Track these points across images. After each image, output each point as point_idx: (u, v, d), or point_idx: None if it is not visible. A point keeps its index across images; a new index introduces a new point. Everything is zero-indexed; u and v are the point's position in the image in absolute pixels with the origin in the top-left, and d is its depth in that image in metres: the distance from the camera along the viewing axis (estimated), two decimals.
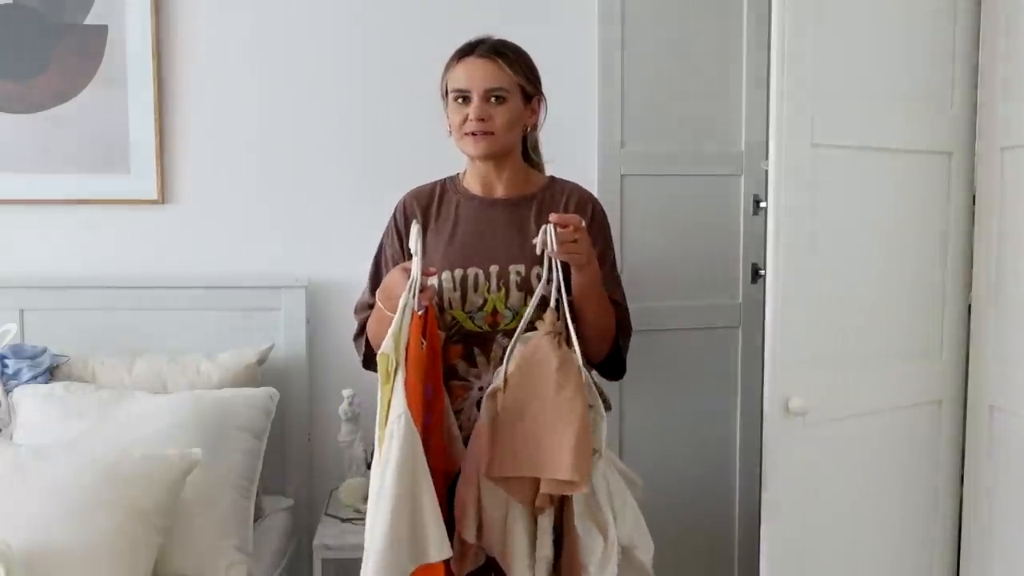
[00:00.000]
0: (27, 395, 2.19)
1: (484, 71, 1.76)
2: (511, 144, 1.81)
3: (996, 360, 2.02)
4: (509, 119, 1.77)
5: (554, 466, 1.55)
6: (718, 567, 2.54)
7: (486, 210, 1.83)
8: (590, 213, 1.84)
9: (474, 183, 1.86)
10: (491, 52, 1.77)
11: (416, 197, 1.89)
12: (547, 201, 1.84)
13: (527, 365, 1.61)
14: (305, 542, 2.33)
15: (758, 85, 2.38)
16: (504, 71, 1.76)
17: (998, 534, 2.04)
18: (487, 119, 1.75)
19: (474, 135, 1.76)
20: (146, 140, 2.46)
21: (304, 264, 2.50)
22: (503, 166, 1.83)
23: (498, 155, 1.80)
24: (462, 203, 1.85)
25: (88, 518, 1.78)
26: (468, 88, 1.76)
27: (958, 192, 2.07)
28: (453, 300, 1.78)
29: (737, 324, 2.49)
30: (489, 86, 1.75)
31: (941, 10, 2.02)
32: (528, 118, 1.83)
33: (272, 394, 2.28)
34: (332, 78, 2.49)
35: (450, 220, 1.84)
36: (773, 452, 1.84)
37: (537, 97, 1.84)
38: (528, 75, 1.80)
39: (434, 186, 1.90)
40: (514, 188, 1.85)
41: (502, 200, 1.84)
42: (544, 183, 1.88)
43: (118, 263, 2.50)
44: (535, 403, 1.59)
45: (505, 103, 1.76)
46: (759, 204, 2.36)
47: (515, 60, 1.79)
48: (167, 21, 2.46)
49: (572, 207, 1.83)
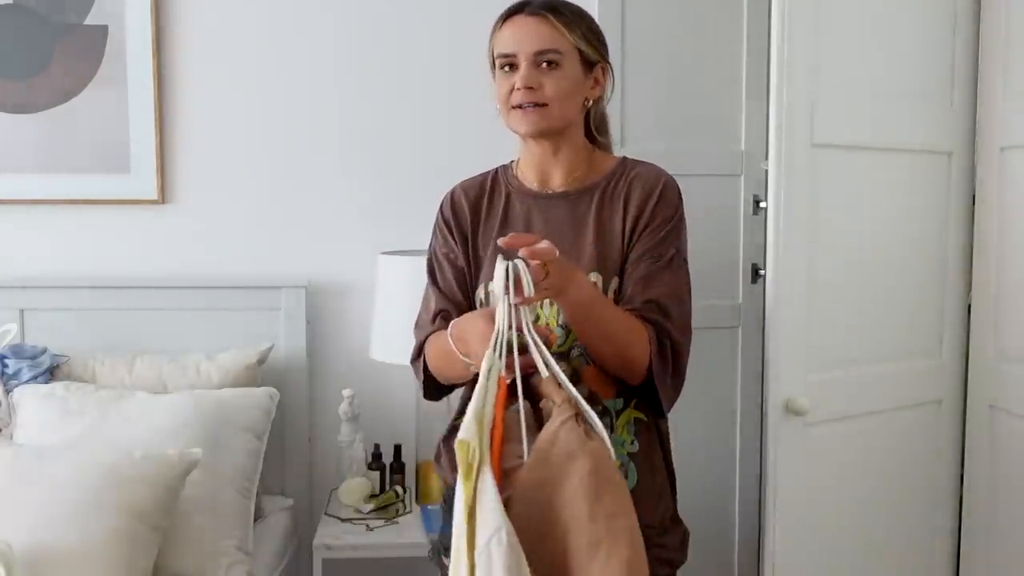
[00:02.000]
0: (27, 395, 2.19)
1: (534, 31, 1.46)
2: (568, 119, 1.51)
3: (996, 360, 2.02)
4: (564, 88, 1.46)
5: None
6: (719, 567, 2.54)
7: (540, 207, 1.55)
8: (658, 192, 1.51)
9: (528, 171, 1.57)
10: (543, 8, 1.48)
11: (465, 190, 1.61)
12: (609, 191, 1.53)
13: (543, 465, 1.14)
14: (305, 542, 2.33)
15: (758, 85, 2.38)
16: (558, 30, 1.46)
17: (998, 534, 2.04)
18: (537, 88, 1.45)
19: (522, 108, 1.47)
20: (146, 140, 2.46)
21: (304, 264, 2.50)
22: (560, 147, 1.53)
23: (553, 133, 1.50)
24: (513, 197, 1.57)
25: (88, 518, 1.78)
26: (514, 51, 1.47)
27: (958, 192, 2.07)
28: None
29: (737, 324, 2.48)
30: (539, 48, 1.45)
31: (941, 11, 2.02)
32: (590, 89, 1.52)
33: (272, 394, 2.28)
34: (332, 78, 2.49)
35: (498, 220, 1.56)
36: (773, 452, 1.84)
37: (601, 64, 1.53)
38: (589, 37, 1.50)
39: (484, 177, 1.62)
40: (575, 176, 1.55)
41: (559, 195, 1.54)
42: (611, 167, 1.56)
43: (118, 263, 2.50)
44: (563, 517, 1.10)
45: (559, 68, 1.46)
46: (759, 204, 2.36)
47: (573, 19, 1.49)
48: (167, 21, 2.46)
49: (636, 198, 1.51)
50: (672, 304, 1.48)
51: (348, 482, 2.34)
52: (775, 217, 1.82)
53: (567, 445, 1.14)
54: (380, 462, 2.39)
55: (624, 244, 1.50)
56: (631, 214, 1.50)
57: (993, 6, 2.00)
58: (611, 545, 1.07)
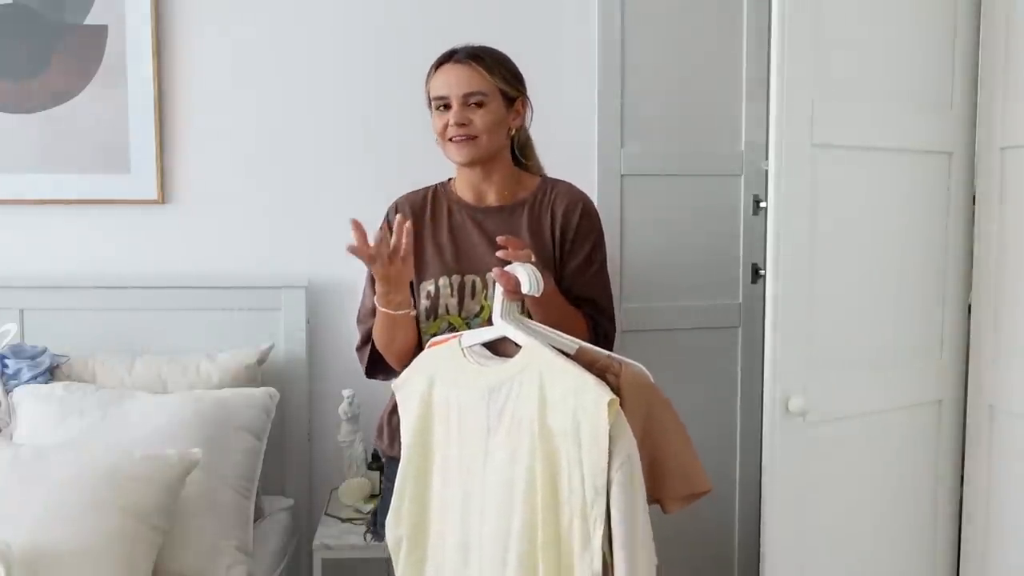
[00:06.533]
0: (27, 395, 2.19)
1: (461, 76, 1.77)
2: (496, 148, 1.81)
3: (996, 360, 2.02)
4: (490, 122, 1.77)
5: (692, 480, 1.54)
6: (718, 567, 2.54)
7: (479, 217, 1.84)
8: (579, 213, 1.83)
9: (465, 190, 1.87)
10: (467, 58, 1.79)
11: (408, 201, 1.90)
12: (537, 206, 1.84)
13: (634, 393, 1.50)
14: (305, 542, 2.33)
15: (758, 85, 2.38)
16: (481, 75, 1.77)
17: (998, 534, 2.04)
18: (467, 123, 1.76)
19: (456, 141, 1.77)
20: (146, 140, 2.46)
21: (304, 264, 2.50)
22: (491, 171, 1.84)
23: (483, 160, 1.81)
24: (455, 209, 1.86)
25: (88, 518, 1.78)
26: (446, 94, 1.77)
27: (958, 192, 2.07)
28: (450, 306, 1.80)
29: (737, 324, 2.49)
30: (466, 91, 1.76)
31: (941, 10, 2.02)
32: (512, 120, 1.83)
33: (272, 394, 2.28)
34: (332, 78, 2.49)
35: (444, 227, 1.85)
36: (773, 452, 1.84)
37: (520, 99, 1.84)
38: (507, 77, 1.81)
39: (426, 192, 1.91)
40: (505, 194, 1.85)
41: (494, 208, 1.85)
42: (536, 185, 1.88)
43: (118, 263, 2.50)
44: (657, 426, 1.52)
45: (484, 107, 1.77)
46: (759, 204, 2.37)
47: (492, 64, 1.79)
48: (167, 21, 2.46)
49: (561, 210, 1.83)
50: (603, 301, 1.85)
51: (348, 482, 2.34)
52: (775, 217, 1.82)
53: (643, 378, 1.52)
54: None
55: (553, 247, 1.82)
56: (559, 223, 1.83)
57: (993, 6, 2.00)
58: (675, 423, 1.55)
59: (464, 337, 1.61)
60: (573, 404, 1.40)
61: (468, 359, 1.58)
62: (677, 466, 1.53)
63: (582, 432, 1.39)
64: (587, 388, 1.39)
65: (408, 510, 1.63)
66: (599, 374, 1.46)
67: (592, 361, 1.51)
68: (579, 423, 1.39)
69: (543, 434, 1.43)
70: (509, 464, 1.46)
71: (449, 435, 1.58)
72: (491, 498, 1.49)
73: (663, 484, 1.52)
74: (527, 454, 1.44)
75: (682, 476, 1.53)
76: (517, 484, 1.45)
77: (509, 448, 1.47)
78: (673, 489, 1.54)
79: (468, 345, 1.60)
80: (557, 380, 1.44)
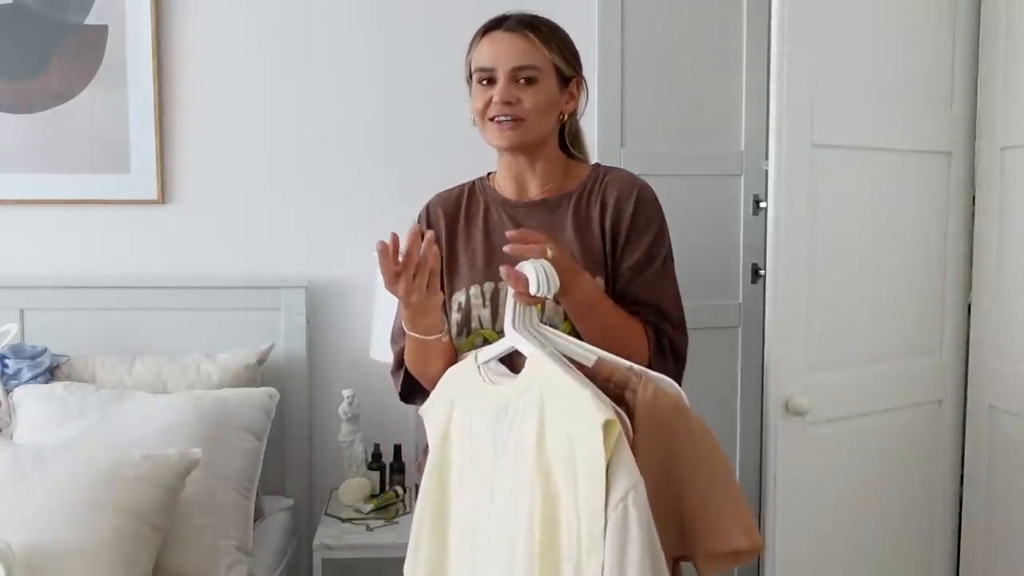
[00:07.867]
0: (27, 395, 2.19)
1: (512, 47, 1.50)
2: (543, 133, 1.55)
3: (996, 360, 2.02)
4: (541, 103, 1.51)
5: (725, 535, 1.22)
6: None
7: (519, 215, 1.58)
8: (634, 201, 1.55)
9: (505, 182, 1.61)
10: (521, 26, 1.52)
11: (441, 203, 1.64)
12: (585, 197, 1.57)
13: (655, 425, 1.25)
14: (305, 542, 2.33)
15: (758, 85, 2.38)
16: (536, 47, 1.50)
17: (998, 534, 2.04)
18: (515, 103, 1.49)
19: (499, 122, 1.51)
20: (146, 140, 2.46)
21: (304, 264, 2.50)
22: (536, 160, 1.57)
23: (529, 147, 1.55)
24: (491, 207, 1.60)
25: (88, 518, 1.77)
26: (493, 66, 1.51)
27: (958, 192, 2.07)
28: (483, 318, 1.53)
29: (737, 324, 2.48)
30: (517, 64, 1.49)
31: (941, 10, 2.02)
32: (565, 104, 1.57)
33: (272, 394, 2.28)
34: (332, 78, 2.49)
35: (478, 228, 1.59)
36: (773, 452, 1.84)
37: (576, 79, 1.58)
38: (565, 53, 1.55)
39: (461, 189, 1.65)
40: (551, 186, 1.59)
41: (537, 202, 1.58)
42: (585, 175, 1.60)
43: (118, 263, 2.50)
44: (683, 462, 1.25)
45: (536, 84, 1.50)
46: (759, 204, 2.37)
47: (550, 35, 1.53)
48: (167, 21, 2.46)
49: (612, 200, 1.55)
50: (669, 306, 1.55)
51: (348, 482, 2.34)
52: (775, 217, 1.82)
53: (666, 400, 1.26)
54: (380, 462, 2.39)
55: (604, 243, 1.55)
56: (609, 215, 1.55)
57: (993, 6, 2.00)
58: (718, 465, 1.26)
59: (480, 352, 1.40)
60: (569, 428, 1.16)
61: (483, 377, 1.35)
62: (709, 515, 1.23)
63: (577, 463, 1.14)
64: (582, 406, 1.14)
65: (426, 557, 1.40)
66: (615, 392, 1.23)
67: (610, 375, 1.27)
68: (574, 453, 1.15)
69: (540, 465, 1.19)
70: (511, 501, 1.24)
71: (463, 467, 1.36)
72: (496, 544, 1.27)
73: (693, 538, 1.23)
74: (527, 489, 1.20)
75: (715, 529, 1.22)
76: (519, 521, 1.21)
77: (512, 482, 1.24)
78: (705, 545, 1.23)
79: (484, 361, 1.38)
80: (555, 398, 1.21)
